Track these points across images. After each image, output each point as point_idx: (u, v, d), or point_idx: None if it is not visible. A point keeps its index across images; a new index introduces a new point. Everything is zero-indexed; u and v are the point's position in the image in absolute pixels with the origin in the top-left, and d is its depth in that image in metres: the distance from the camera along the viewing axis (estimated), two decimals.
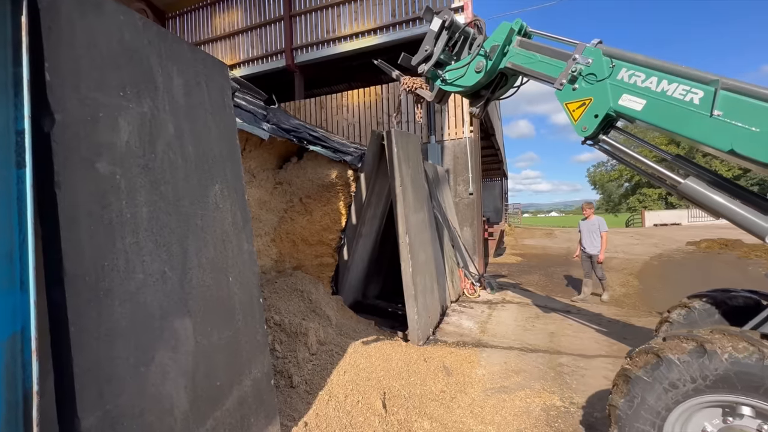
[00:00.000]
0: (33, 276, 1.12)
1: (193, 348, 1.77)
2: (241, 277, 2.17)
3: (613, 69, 2.44)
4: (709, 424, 1.86)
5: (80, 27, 1.51)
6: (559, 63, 2.64)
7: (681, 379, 1.84)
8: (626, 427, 1.97)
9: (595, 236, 6.76)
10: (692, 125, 2.16)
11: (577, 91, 2.55)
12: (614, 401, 2.03)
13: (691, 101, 2.15)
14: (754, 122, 1.98)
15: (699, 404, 1.85)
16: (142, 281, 1.59)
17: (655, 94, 2.28)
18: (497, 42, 2.84)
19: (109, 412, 1.37)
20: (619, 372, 2.06)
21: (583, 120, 2.55)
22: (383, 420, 2.67)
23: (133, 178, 1.64)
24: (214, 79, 2.28)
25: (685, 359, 1.82)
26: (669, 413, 1.88)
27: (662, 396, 1.88)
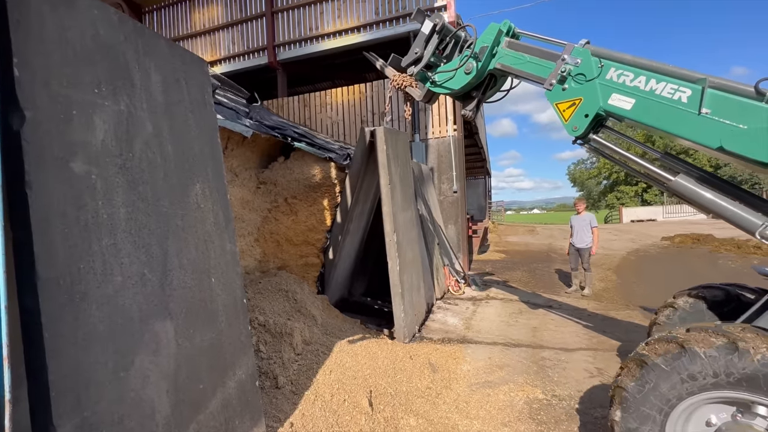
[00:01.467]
0: (4, 280, 1.07)
1: (174, 351, 1.73)
2: (224, 277, 2.14)
3: (601, 69, 2.48)
4: (716, 417, 1.90)
5: (51, 21, 1.46)
6: (548, 63, 2.67)
7: (702, 372, 1.85)
8: (631, 408, 1.99)
9: (586, 231, 6.92)
10: (681, 123, 2.22)
11: (567, 91, 2.59)
12: (623, 383, 2.04)
13: (680, 100, 2.21)
14: (741, 119, 2.04)
15: (712, 398, 1.87)
16: (121, 284, 1.55)
17: (644, 93, 2.32)
18: (486, 43, 2.85)
19: (87, 419, 1.33)
20: (632, 356, 2.06)
21: (574, 120, 2.58)
22: (370, 418, 2.68)
23: (110, 177, 1.59)
24: (194, 76, 2.23)
25: (711, 353, 1.82)
26: (679, 402, 1.90)
27: (677, 385, 1.90)
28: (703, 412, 1.94)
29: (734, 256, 9.42)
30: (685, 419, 1.95)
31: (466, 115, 3.19)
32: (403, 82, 3.37)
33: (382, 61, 3.55)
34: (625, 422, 2.00)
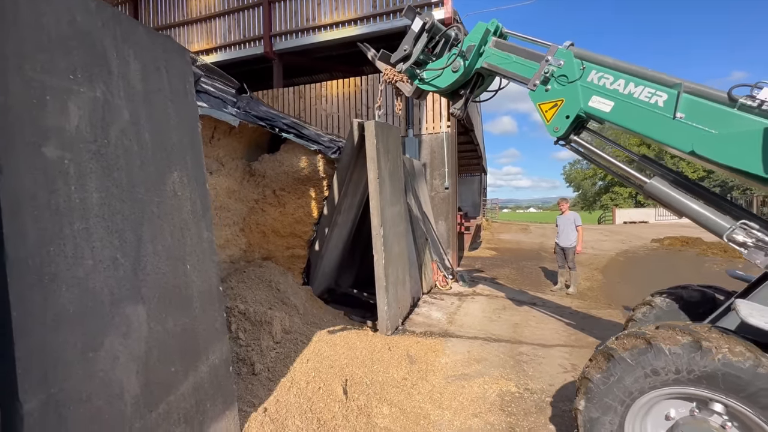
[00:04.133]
0: None
1: (146, 334, 1.78)
2: (199, 265, 2.18)
3: (583, 71, 2.52)
4: (674, 411, 1.99)
5: (25, 6, 1.47)
6: (533, 64, 2.70)
7: (665, 368, 1.91)
8: (595, 399, 2.07)
9: (570, 230, 7.01)
10: (657, 127, 2.27)
11: (550, 92, 2.62)
12: (589, 374, 2.11)
13: (656, 104, 2.26)
14: (713, 124, 2.09)
15: (672, 393, 1.95)
16: (92, 267, 1.59)
17: (622, 96, 2.37)
18: (473, 42, 2.88)
19: (54, 395, 1.38)
20: (601, 349, 2.13)
21: (555, 121, 2.63)
22: (343, 405, 2.74)
23: (84, 163, 1.62)
24: (175, 65, 2.25)
25: (676, 351, 1.89)
26: (641, 396, 1.98)
27: (641, 379, 1.97)
28: (663, 407, 2.02)
29: (720, 259, 9.56)
30: (645, 412, 2.03)
31: (455, 113, 3.24)
32: (394, 76, 3.39)
33: (374, 52, 3.57)
34: (588, 411, 2.08)
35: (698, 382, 1.83)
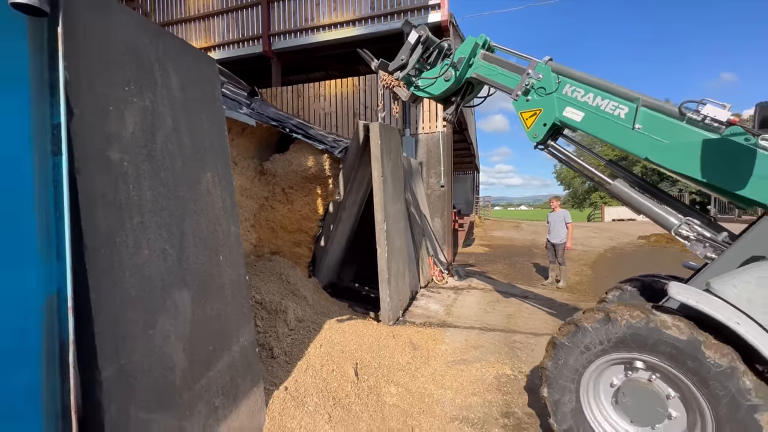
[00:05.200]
0: (69, 247, 1.33)
1: (190, 317, 2.01)
2: (230, 256, 2.41)
3: (559, 84, 2.83)
4: (615, 378, 2.33)
5: (91, 28, 1.69)
6: (516, 76, 3.01)
7: (592, 342, 2.29)
8: (553, 384, 2.41)
9: (560, 227, 7.33)
10: (619, 135, 2.60)
11: (530, 102, 2.93)
12: (545, 364, 2.47)
13: (619, 115, 2.58)
14: (665, 135, 2.42)
15: (606, 362, 2.30)
16: (147, 256, 1.82)
17: (591, 108, 2.69)
18: (463, 54, 3.18)
19: (123, 366, 1.61)
20: (549, 339, 2.49)
21: (534, 128, 2.94)
22: (355, 386, 3.00)
23: (139, 165, 1.84)
24: (205, 75, 2.46)
25: (595, 326, 2.27)
26: (585, 370, 2.33)
27: (579, 357, 2.33)
28: (606, 376, 2.38)
29: None
30: (593, 385, 2.38)
31: (446, 118, 3.54)
32: (392, 82, 3.66)
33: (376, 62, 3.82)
34: (551, 396, 2.43)
35: (617, 347, 2.21)
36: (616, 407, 2.31)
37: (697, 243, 2.50)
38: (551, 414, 2.42)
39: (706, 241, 2.48)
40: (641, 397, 2.20)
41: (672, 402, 2.13)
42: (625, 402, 2.25)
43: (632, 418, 2.24)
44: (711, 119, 2.22)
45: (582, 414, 2.34)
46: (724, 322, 1.90)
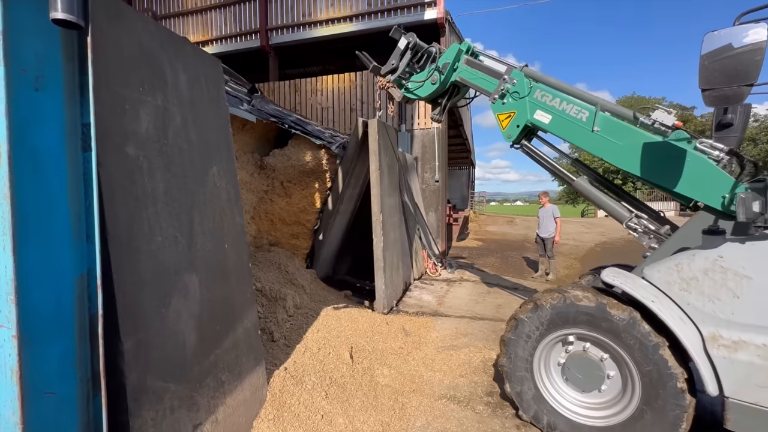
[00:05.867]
0: (98, 232, 1.51)
1: (199, 298, 2.20)
2: (234, 244, 2.59)
3: (531, 89, 3.06)
4: (559, 357, 2.61)
5: (109, 33, 1.84)
6: (495, 81, 3.24)
7: (530, 330, 2.59)
8: (512, 377, 2.69)
9: (549, 222, 7.57)
10: (581, 137, 2.84)
11: (505, 105, 3.16)
12: (500, 362, 2.77)
13: (581, 118, 2.80)
14: (618, 137, 2.65)
15: (546, 344, 2.59)
16: (161, 243, 1.99)
17: (558, 111, 2.92)
18: (448, 60, 3.43)
19: (142, 339, 1.80)
20: (500, 339, 2.76)
21: (509, 129, 3.18)
22: (350, 367, 3.21)
23: (152, 159, 2.01)
24: (211, 75, 2.63)
25: (529, 315, 2.59)
26: (533, 357, 2.62)
27: (525, 346, 2.62)
28: (553, 358, 2.66)
29: None
30: (544, 369, 2.66)
31: (434, 118, 3.77)
32: (386, 84, 3.86)
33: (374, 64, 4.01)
34: (513, 389, 2.70)
35: (549, 328, 2.54)
36: (567, 383, 2.59)
37: (644, 235, 2.78)
38: (518, 406, 2.69)
39: (651, 233, 2.74)
40: (582, 366, 2.50)
41: (606, 363, 2.43)
42: (572, 375, 2.54)
43: (581, 387, 2.53)
44: (659, 123, 2.46)
45: (542, 398, 2.61)
46: (640, 299, 2.22)
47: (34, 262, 1.31)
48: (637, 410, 2.26)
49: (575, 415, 2.50)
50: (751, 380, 1.99)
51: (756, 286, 2.01)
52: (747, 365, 2.00)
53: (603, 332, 2.36)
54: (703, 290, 2.15)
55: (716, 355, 2.07)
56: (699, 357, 2.08)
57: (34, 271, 1.31)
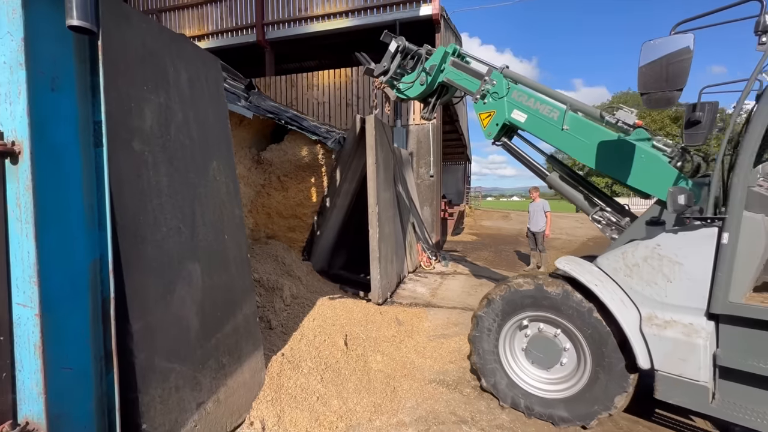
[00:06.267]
0: (109, 220, 1.64)
1: (201, 286, 2.33)
2: (233, 235, 2.72)
3: (509, 90, 3.20)
4: (520, 342, 2.82)
5: (115, 36, 1.95)
6: (477, 81, 3.39)
7: (489, 323, 2.81)
8: (485, 372, 2.88)
9: (540, 216, 7.73)
10: (553, 135, 3.00)
11: (486, 105, 3.32)
12: (472, 360, 2.95)
13: (552, 117, 2.95)
14: (585, 136, 2.80)
15: (506, 333, 2.81)
16: (165, 233, 2.12)
17: (532, 111, 3.08)
18: (434, 62, 3.60)
19: (149, 322, 1.93)
20: (468, 339, 2.96)
21: (489, 127, 3.33)
22: (345, 353, 3.36)
23: (156, 154, 2.13)
24: (210, 73, 2.73)
25: (485, 310, 2.83)
26: (498, 348, 2.83)
27: (489, 339, 2.84)
28: (516, 345, 2.87)
29: None
30: (511, 355, 2.87)
31: (424, 117, 3.93)
32: (382, 84, 4.00)
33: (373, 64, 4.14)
34: (488, 381, 2.90)
35: (504, 318, 2.79)
36: (534, 365, 2.79)
37: (607, 227, 2.97)
38: (497, 397, 2.86)
39: (613, 225, 2.92)
40: (541, 345, 2.71)
41: (560, 338, 2.66)
42: (535, 356, 2.75)
43: (545, 365, 2.73)
44: (622, 122, 2.62)
45: (515, 384, 2.80)
46: (584, 283, 2.45)
47: (52, 247, 1.43)
48: (593, 373, 2.49)
49: (545, 392, 2.70)
50: (676, 354, 2.20)
51: (685, 271, 2.21)
52: (673, 341, 2.21)
53: (547, 309, 2.62)
54: (642, 275, 2.37)
55: (649, 333, 2.30)
56: (634, 335, 2.31)
57: (53, 256, 1.44)
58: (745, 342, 2.11)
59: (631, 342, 2.29)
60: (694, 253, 2.20)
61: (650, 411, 2.79)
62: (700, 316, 2.19)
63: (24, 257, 1.37)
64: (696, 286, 2.19)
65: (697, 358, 2.15)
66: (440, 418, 2.66)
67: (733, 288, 2.11)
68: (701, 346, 2.14)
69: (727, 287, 2.10)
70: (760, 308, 2.04)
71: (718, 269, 2.12)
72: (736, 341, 2.14)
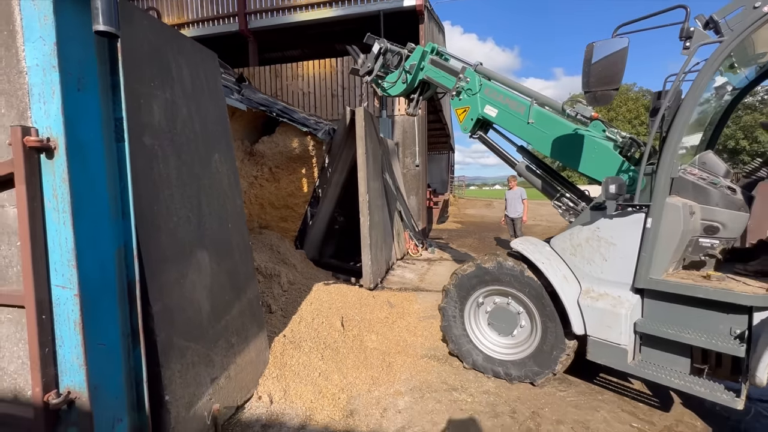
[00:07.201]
0: (132, 209, 1.78)
1: (209, 271, 2.48)
2: (236, 224, 2.86)
3: (481, 86, 3.42)
4: (483, 319, 3.15)
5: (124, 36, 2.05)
6: (453, 79, 3.58)
7: (451, 311, 3.16)
8: (461, 353, 3.18)
9: (518, 203, 8.07)
10: (520, 129, 3.25)
11: (462, 101, 3.54)
12: (450, 349, 3.25)
13: (519, 112, 3.19)
14: (546, 128, 3.06)
15: (468, 313, 3.14)
16: (176, 222, 2.26)
17: (501, 106, 3.32)
18: (414, 61, 3.79)
19: (167, 304, 2.08)
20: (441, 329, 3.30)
21: (465, 122, 3.57)
22: (342, 334, 3.57)
23: (165, 147, 2.26)
24: (209, 68, 2.84)
25: (445, 301, 3.20)
26: (465, 328, 3.15)
27: (456, 325, 3.16)
28: (480, 322, 3.19)
29: None
30: (479, 331, 3.19)
31: (408, 112, 4.11)
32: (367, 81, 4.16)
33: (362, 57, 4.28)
34: (467, 362, 3.20)
35: (461, 300, 3.16)
36: (500, 336, 3.11)
37: (566, 211, 3.27)
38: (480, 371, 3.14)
39: (571, 210, 3.20)
40: (500, 315, 3.05)
41: (512, 305, 2.99)
42: (499, 326, 3.08)
43: (508, 332, 3.06)
44: (580, 115, 2.88)
45: (490, 358, 3.10)
46: (532, 260, 2.76)
47: (85, 235, 1.57)
48: (543, 325, 2.82)
49: (517, 354, 3.00)
50: (604, 322, 2.54)
51: (618, 251, 2.54)
52: (602, 311, 2.55)
53: (492, 283, 2.99)
54: (584, 254, 2.71)
55: (584, 304, 2.63)
56: (571, 306, 2.65)
57: (86, 242, 1.58)
58: (661, 312, 2.47)
59: (568, 311, 2.63)
60: (625, 235, 2.52)
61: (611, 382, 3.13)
62: (627, 290, 2.54)
63: (62, 243, 1.51)
64: (626, 264, 2.53)
65: (620, 325, 2.49)
66: (433, 387, 2.92)
67: (654, 266, 2.45)
68: (623, 315, 2.48)
69: (649, 265, 2.45)
70: (675, 283, 2.40)
71: (642, 249, 2.45)
72: (655, 312, 2.50)
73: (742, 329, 2.23)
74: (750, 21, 2.14)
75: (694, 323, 2.38)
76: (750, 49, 2.65)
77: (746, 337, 2.20)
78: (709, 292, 2.29)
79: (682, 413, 2.66)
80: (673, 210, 2.40)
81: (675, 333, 2.38)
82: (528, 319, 2.97)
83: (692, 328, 2.37)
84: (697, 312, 2.37)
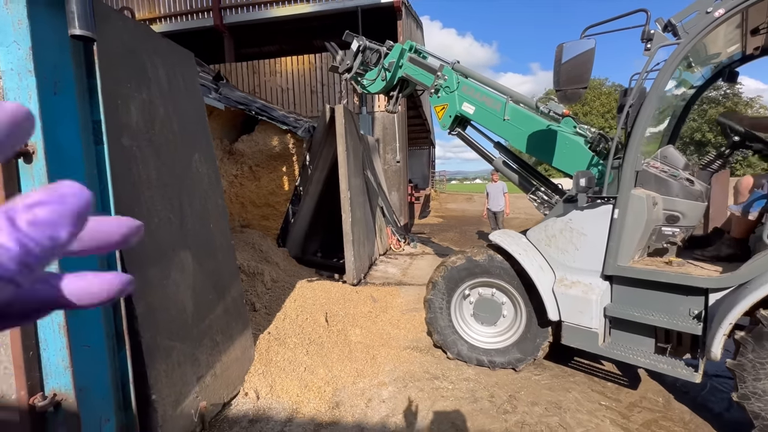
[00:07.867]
0: (113, 211, 1.78)
1: (192, 271, 2.49)
2: (218, 224, 2.87)
3: (458, 84, 3.52)
4: (468, 310, 3.26)
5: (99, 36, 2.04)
6: (431, 76, 3.66)
7: (438, 303, 3.24)
8: (446, 344, 3.27)
9: (499, 197, 8.28)
10: (496, 126, 3.38)
11: (440, 98, 3.63)
12: (435, 340, 3.33)
13: (495, 109, 3.31)
14: (522, 125, 3.20)
15: (454, 305, 3.23)
16: (157, 223, 2.27)
17: (478, 103, 3.43)
18: (393, 59, 3.84)
19: (150, 303, 2.10)
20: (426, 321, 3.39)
21: (443, 119, 3.67)
22: (326, 329, 3.63)
23: (143, 149, 2.25)
24: (186, 68, 2.82)
25: (432, 293, 3.26)
26: (452, 322, 3.25)
27: (442, 316, 3.25)
28: (465, 313, 3.31)
29: None
30: (464, 323, 3.30)
31: (388, 110, 4.17)
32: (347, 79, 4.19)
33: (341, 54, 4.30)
34: (452, 352, 3.30)
35: (449, 292, 3.24)
36: (485, 326, 3.24)
37: (541, 204, 3.42)
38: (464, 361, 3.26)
39: (546, 203, 3.36)
40: (485, 306, 3.16)
41: (497, 295, 3.13)
42: (483, 317, 3.19)
43: (493, 322, 3.18)
44: (553, 112, 3.03)
45: (475, 347, 3.23)
46: (510, 251, 2.89)
47: None
48: (528, 309, 2.97)
49: (501, 343, 3.13)
50: (576, 308, 2.71)
51: (588, 241, 2.70)
52: (574, 298, 2.71)
53: (480, 275, 3.10)
54: (558, 245, 2.85)
55: (558, 292, 2.79)
56: (546, 294, 2.79)
57: None
58: (629, 297, 2.65)
59: (544, 299, 2.77)
60: (595, 225, 2.68)
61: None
62: (596, 277, 2.71)
63: None
64: (596, 253, 2.69)
65: (590, 310, 2.65)
66: (415, 377, 3.02)
67: (621, 254, 2.62)
68: (594, 300, 2.64)
69: (616, 253, 2.62)
70: (640, 269, 2.58)
71: (610, 239, 2.62)
72: (623, 297, 2.68)
73: (700, 309, 2.42)
74: (703, 25, 2.30)
75: (657, 306, 2.56)
76: (705, 50, 2.83)
77: (703, 316, 2.39)
78: (670, 277, 2.47)
79: (646, 390, 2.85)
80: (637, 201, 2.57)
81: (641, 315, 2.55)
82: (512, 309, 3.10)
83: (656, 310, 2.55)
84: (660, 295, 2.55)
